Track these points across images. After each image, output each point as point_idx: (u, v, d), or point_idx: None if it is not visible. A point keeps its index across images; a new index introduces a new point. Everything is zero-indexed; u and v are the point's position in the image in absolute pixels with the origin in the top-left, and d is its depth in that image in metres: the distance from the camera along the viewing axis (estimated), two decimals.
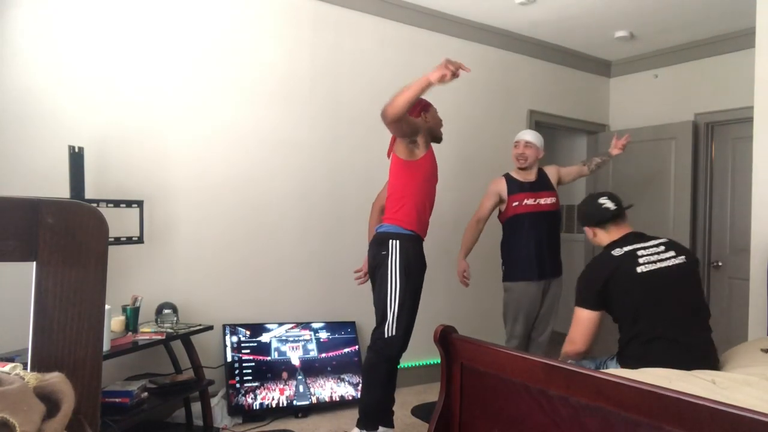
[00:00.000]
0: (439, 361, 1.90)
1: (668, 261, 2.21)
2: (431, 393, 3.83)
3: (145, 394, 2.65)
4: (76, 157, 2.64)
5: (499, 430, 1.68)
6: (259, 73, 3.44)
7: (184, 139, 3.20)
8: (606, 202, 2.35)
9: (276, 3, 3.49)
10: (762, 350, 2.26)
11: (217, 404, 3.17)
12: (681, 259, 2.23)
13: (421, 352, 4.08)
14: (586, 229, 2.47)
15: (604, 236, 2.36)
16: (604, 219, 2.34)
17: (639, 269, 2.17)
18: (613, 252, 2.24)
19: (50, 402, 0.65)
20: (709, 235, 4.58)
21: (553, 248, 3.46)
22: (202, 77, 3.25)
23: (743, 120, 4.12)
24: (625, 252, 2.22)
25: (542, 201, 3.41)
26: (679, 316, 2.16)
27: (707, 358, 2.13)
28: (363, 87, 3.81)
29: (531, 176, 3.47)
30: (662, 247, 2.25)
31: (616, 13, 4.07)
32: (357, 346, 3.67)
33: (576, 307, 2.26)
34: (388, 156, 2.83)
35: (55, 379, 0.68)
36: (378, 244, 2.67)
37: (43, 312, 0.76)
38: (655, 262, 2.20)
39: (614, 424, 1.34)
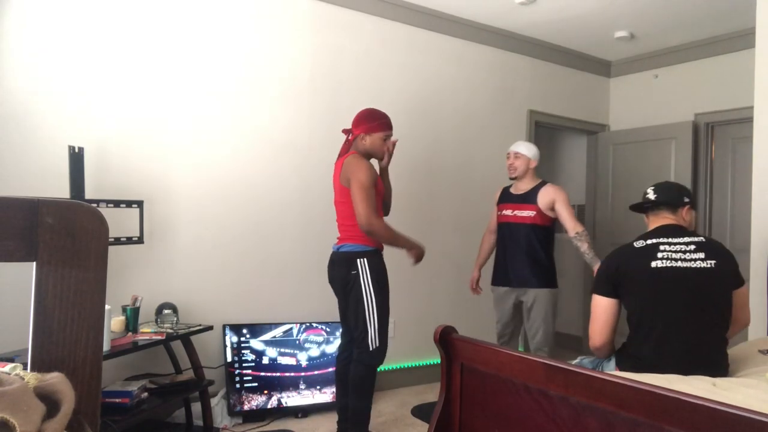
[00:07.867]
0: (439, 361, 1.90)
1: (693, 262, 2.04)
2: (431, 393, 3.83)
3: (145, 394, 2.66)
4: (76, 157, 2.64)
5: (499, 431, 1.68)
6: (259, 74, 3.44)
7: (185, 139, 3.21)
8: (649, 192, 2.25)
9: (276, 3, 3.49)
10: (759, 351, 2.27)
11: (217, 404, 3.17)
12: (710, 264, 2.04)
13: (421, 352, 4.08)
14: None
15: (647, 224, 2.28)
16: (642, 208, 2.29)
17: (654, 263, 2.05)
18: (635, 243, 2.16)
19: (50, 402, 0.65)
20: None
21: (523, 259, 3.40)
22: (202, 77, 3.25)
23: (743, 120, 4.12)
24: (647, 245, 2.11)
25: (519, 213, 3.42)
26: (687, 320, 2.02)
27: (710, 367, 1.98)
28: (364, 87, 3.81)
29: (521, 188, 3.47)
30: (693, 246, 2.07)
31: (616, 13, 4.07)
32: None
33: (593, 295, 2.22)
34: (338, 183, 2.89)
35: (55, 379, 0.67)
36: (345, 265, 2.79)
37: (43, 312, 0.76)
38: (676, 260, 2.05)
39: (614, 424, 1.34)
